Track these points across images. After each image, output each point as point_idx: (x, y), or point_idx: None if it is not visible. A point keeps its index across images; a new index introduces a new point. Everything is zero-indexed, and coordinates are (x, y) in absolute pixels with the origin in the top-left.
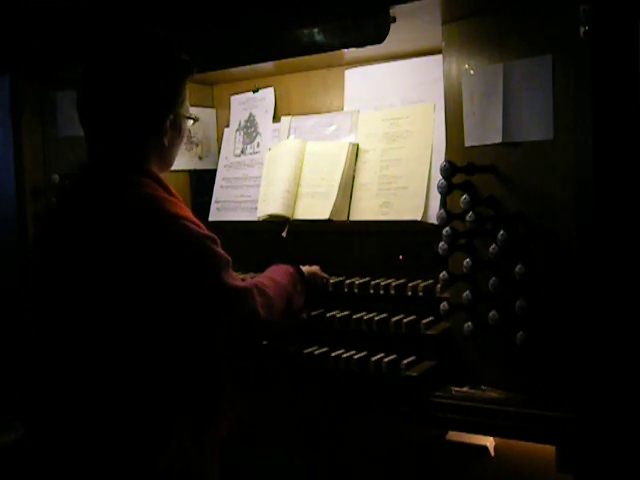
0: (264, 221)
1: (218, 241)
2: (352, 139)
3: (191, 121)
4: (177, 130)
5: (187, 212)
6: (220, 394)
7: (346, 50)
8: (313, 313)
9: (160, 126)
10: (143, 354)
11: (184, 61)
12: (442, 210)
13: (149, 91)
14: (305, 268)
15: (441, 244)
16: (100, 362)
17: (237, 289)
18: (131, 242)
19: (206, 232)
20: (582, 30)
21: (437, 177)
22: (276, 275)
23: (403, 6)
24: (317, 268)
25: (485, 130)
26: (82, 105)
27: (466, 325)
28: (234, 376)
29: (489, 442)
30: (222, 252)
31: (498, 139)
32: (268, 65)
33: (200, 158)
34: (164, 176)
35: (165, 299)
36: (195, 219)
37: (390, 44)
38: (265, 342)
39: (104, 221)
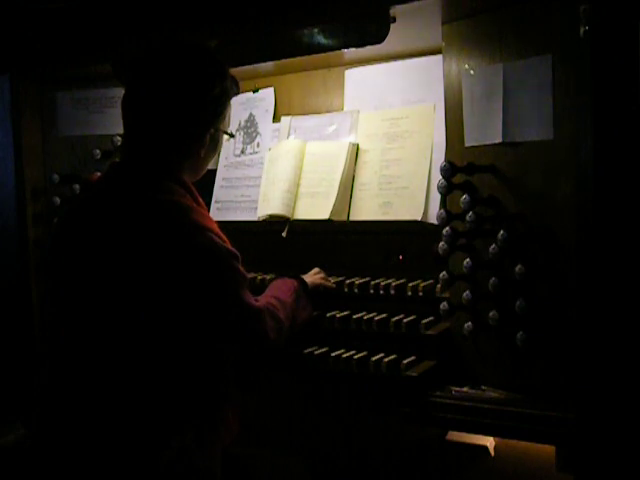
0: (264, 221)
1: (240, 258)
2: (352, 139)
3: (226, 136)
4: (214, 143)
5: (213, 224)
6: (224, 400)
7: (346, 50)
8: (313, 313)
9: (201, 139)
10: (153, 358)
11: (233, 77)
12: (442, 210)
13: (197, 103)
14: (309, 279)
15: (441, 244)
16: (109, 362)
17: (253, 308)
18: (155, 248)
19: (230, 248)
20: (582, 30)
21: (437, 177)
22: (281, 293)
23: (403, 6)
24: (320, 276)
25: (485, 130)
26: (128, 105)
27: (466, 325)
28: (236, 379)
29: (489, 442)
30: (243, 270)
31: (498, 139)
32: (268, 65)
33: None
34: None
35: (182, 306)
36: (220, 232)
37: (390, 44)
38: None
39: (130, 223)
